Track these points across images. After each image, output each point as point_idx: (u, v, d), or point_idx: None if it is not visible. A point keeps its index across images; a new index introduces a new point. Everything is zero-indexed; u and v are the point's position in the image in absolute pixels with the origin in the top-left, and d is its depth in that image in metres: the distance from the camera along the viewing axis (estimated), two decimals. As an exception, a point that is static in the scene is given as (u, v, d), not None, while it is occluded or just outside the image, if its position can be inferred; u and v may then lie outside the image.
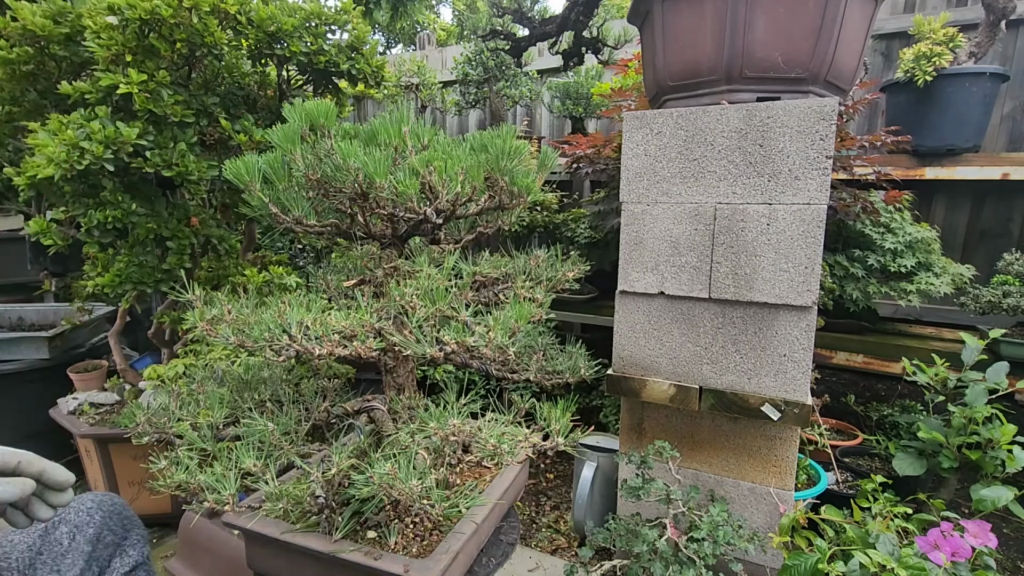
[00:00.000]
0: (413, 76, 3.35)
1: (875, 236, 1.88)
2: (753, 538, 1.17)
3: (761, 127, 1.20)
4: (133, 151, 1.51)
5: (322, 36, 1.79)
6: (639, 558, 1.14)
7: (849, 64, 1.28)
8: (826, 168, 1.16)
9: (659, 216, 1.33)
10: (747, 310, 1.26)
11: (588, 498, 1.58)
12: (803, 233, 1.18)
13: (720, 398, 1.29)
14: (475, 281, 1.06)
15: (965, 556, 0.98)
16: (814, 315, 1.20)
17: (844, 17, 1.19)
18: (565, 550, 1.70)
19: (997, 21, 2.00)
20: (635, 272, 1.37)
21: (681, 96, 1.38)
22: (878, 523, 1.14)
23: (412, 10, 6.84)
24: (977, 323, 2.10)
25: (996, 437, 1.38)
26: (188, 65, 1.70)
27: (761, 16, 1.19)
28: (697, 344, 1.32)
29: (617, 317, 1.41)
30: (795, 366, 1.23)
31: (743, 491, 1.35)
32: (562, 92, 2.94)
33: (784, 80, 1.25)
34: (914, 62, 2.07)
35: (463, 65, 2.97)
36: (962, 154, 2.17)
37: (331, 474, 0.88)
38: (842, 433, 2.02)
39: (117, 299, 1.77)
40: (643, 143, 1.33)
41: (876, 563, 0.99)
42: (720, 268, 1.27)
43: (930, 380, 1.63)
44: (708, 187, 1.27)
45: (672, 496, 1.21)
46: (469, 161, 1.00)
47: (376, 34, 7.71)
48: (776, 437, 1.30)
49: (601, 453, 1.60)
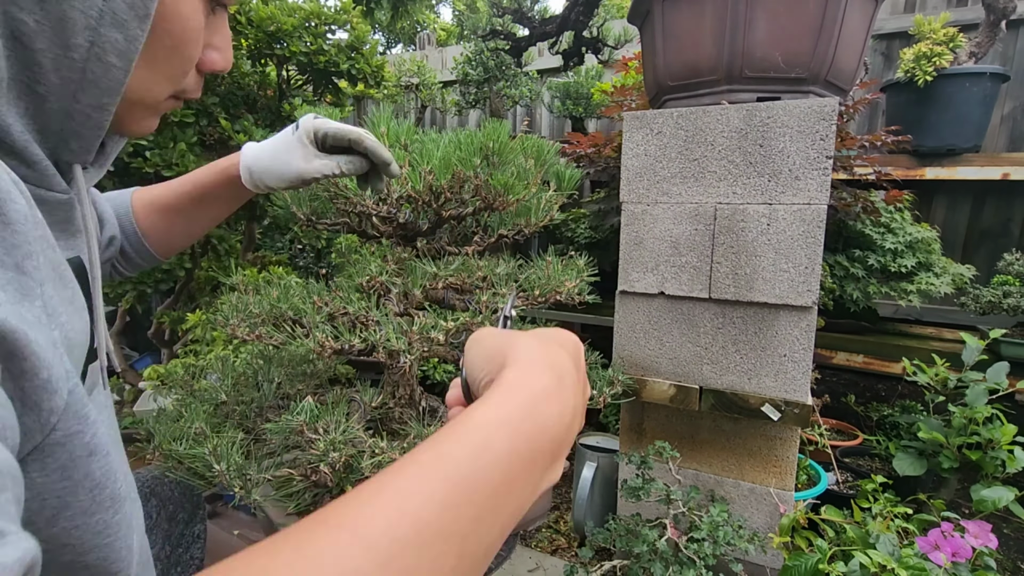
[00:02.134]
0: (413, 76, 3.35)
1: (875, 236, 1.88)
2: (753, 538, 1.17)
3: (761, 127, 1.20)
4: (133, 151, 1.51)
5: (322, 36, 1.79)
6: (639, 558, 1.14)
7: (849, 64, 1.28)
8: (826, 168, 1.16)
9: (659, 216, 1.33)
10: (747, 310, 1.26)
11: (588, 498, 1.58)
12: (803, 233, 1.18)
13: (720, 398, 1.29)
14: (450, 285, 1.07)
15: (965, 556, 0.98)
16: (814, 315, 1.20)
17: (844, 17, 1.19)
18: (565, 550, 1.70)
19: (997, 21, 2.00)
20: (635, 272, 1.37)
21: (681, 96, 1.38)
22: (878, 523, 1.14)
23: (412, 10, 6.83)
24: (977, 323, 2.10)
25: (996, 437, 1.37)
26: (188, 65, 1.70)
27: (761, 16, 1.19)
28: (697, 344, 1.32)
29: (617, 317, 1.41)
30: (795, 366, 1.23)
31: (743, 491, 1.35)
32: (562, 92, 2.94)
33: (784, 80, 1.25)
34: (914, 62, 2.07)
35: (463, 65, 2.97)
36: (962, 154, 2.17)
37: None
38: (842, 433, 2.02)
39: (117, 299, 1.77)
40: (643, 143, 1.33)
41: (876, 563, 0.99)
42: (720, 268, 1.27)
43: (930, 380, 1.63)
44: (708, 187, 1.27)
45: (672, 496, 1.21)
46: (442, 154, 1.02)
47: (376, 34, 7.71)
48: (776, 437, 1.30)
49: (601, 453, 1.60)
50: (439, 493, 0.27)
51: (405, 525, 0.26)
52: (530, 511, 0.83)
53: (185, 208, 0.82)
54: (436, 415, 1.33)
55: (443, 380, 1.98)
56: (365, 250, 1.38)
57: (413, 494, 0.27)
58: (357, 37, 1.86)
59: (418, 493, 0.27)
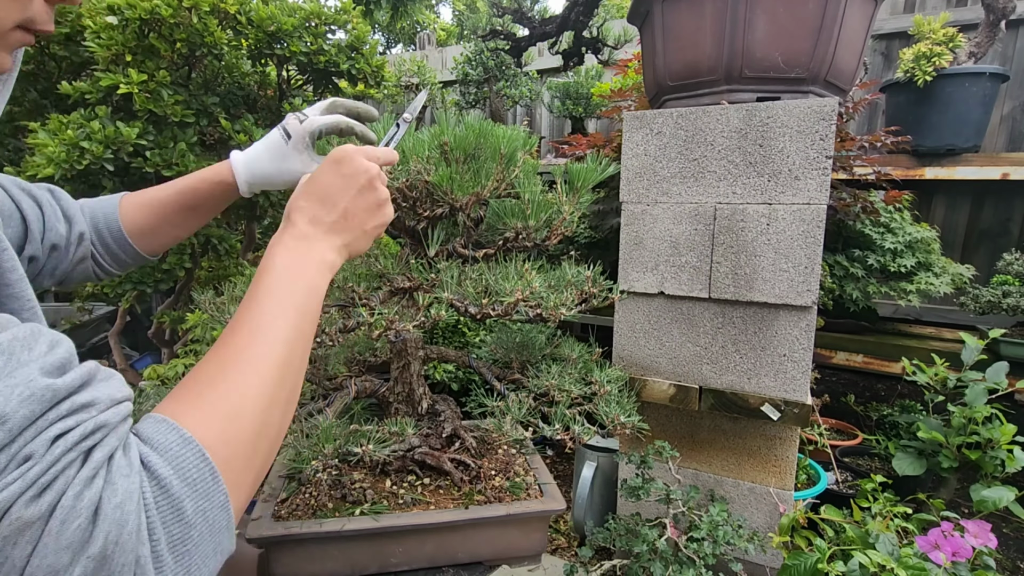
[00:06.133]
0: (413, 76, 3.35)
1: (875, 236, 1.88)
2: (753, 538, 1.17)
3: (761, 127, 1.20)
4: (133, 151, 1.51)
5: (322, 36, 1.79)
6: (639, 558, 1.14)
7: (849, 64, 1.28)
8: (826, 168, 1.16)
9: (659, 216, 1.33)
10: (747, 310, 1.26)
11: (588, 498, 1.58)
12: (803, 233, 1.18)
13: (720, 398, 1.29)
14: (397, 288, 1.10)
15: (965, 556, 0.98)
16: (814, 315, 1.20)
17: (844, 17, 1.19)
18: (565, 550, 1.70)
19: (997, 21, 2.01)
20: (635, 272, 1.37)
21: (681, 96, 1.38)
22: (878, 523, 1.14)
23: (412, 10, 6.83)
24: (977, 323, 2.11)
25: (996, 437, 1.38)
26: (188, 65, 1.70)
27: (761, 16, 1.20)
28: (697, 344, 1.32)
29: (617, 317, 1.41)
30: (795, 366, 1.23)
31: (743, 491, 1.35)
32: (562, 92, 2.94)
33: (784, 80, 1.25)
34: (914, 62, 2.07)
35: (463, 65, 2.97)
36: (962, 154, 2.17)
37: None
38: (842, 433, 2.02)
39: (117, 299, 1.77)
40: (643, 143, 1.33)
41: (876, 563, 0.99)
42: (720, 268, 1.27)
43: (930, 380, 1.63)
44: (708, 187, 1.27)
45: (672, 496, 1.21)
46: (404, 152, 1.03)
47: (376, 34, 7.71)
48: (776, 437, 1.30)
49: (601, 453, 1.60)
50: (296, 327, 0.54)
51: (286, 349, 0.52)
52: (520, 549, 0.89)
53: (177, 214, 0.86)
54: (437, 417, 1.33)
55: (443, 380, 1.98)
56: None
57: (284, 331, 0.53)
58: (357, 37, 1.86)
59: (287, 330, 0.53)
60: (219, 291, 1.08)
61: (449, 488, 1.27)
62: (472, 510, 1.18)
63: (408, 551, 1.17)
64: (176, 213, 0.85)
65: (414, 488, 1.26)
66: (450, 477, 1.27)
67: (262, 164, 0.82)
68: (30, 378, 0.34)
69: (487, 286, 1.07)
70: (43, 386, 0.35)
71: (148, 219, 0.84)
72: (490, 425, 1.10)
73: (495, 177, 1.08)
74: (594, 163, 1.16)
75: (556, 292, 1.10)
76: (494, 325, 1.82)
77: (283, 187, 0.83)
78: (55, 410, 0.35)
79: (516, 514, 1.19)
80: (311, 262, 0.60)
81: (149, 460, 0.39)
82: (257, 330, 0.51)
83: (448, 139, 1.05)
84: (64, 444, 0.35)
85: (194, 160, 1.59)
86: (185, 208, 0.85)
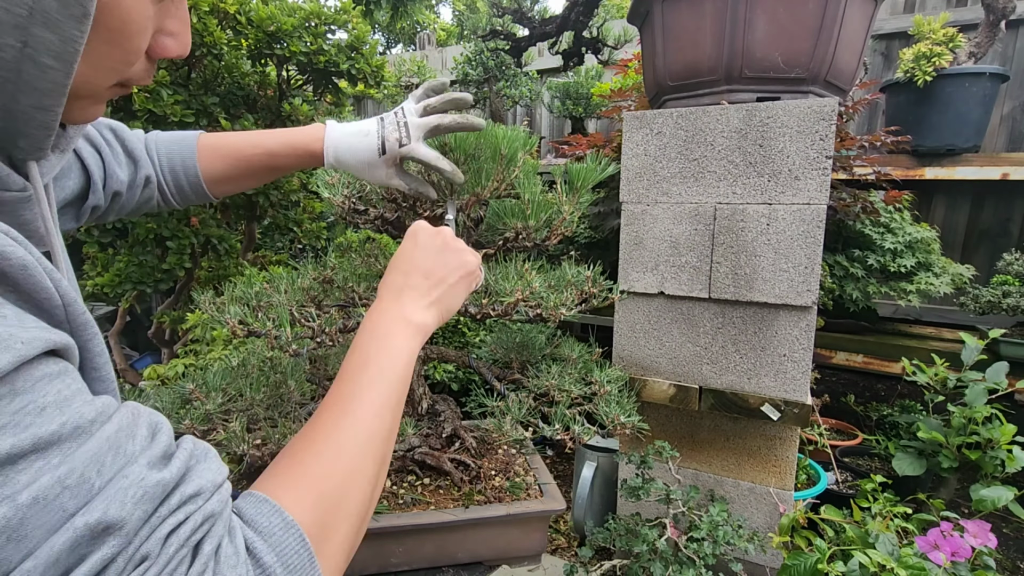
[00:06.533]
0: (413, 76, 3.35)
1: (875, 236, 1.88)
2: (753, 538, 1.17)
3: (761, 127, 1.20)
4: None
5: (322, 36, 1.79)
6: (639, 558, 1.14)
7: (849, 64, 1.28)
8: (826, 168, 1.16)
9: (659, 216, 1.33)
10: (747, 310, 1.26)
11: (588, 498, 1.58)
12: (803, 233, 1.18)
13: (720, 398, 1.29)
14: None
15: (965, 556, 0.98)
16: (814, 315, 1.20)
17: (844, 17, 1.19)
18: (565, 550, 1.70)
19: (997, 21, 2.01)
20: (635, 272, 1.37)
21: (681, 96, 1.38)
22: (878, 523, 1.14)
23: (412, 10, 6.83)
24: (977, 323, 2.11)
25: (996, 437, 1.38)
26: (188, 65, 1.70)
27: (761, 16, 1.20)
28: (697, 344, 1.32)
29: (617, 317, 1.41)
30: (795, 366, 1.23)
31: (743, 491, 1.35)
32: (562, 92, 2.94)
33: (784, 80, 1.25)
34: (914, 62, 2.07)
35: (463, 65, 2.97)
36: (962, 154, 2.17)
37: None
38: (842, 433, 2.02)
39: (117, 299, 1.77)
40: (643, 143, 1.33)
41: (876, 563, 0.99)
42: (720, 268, 1.27)
43: (930, 380, 1.63)
44: (708, 187, 1.27)
45: (672, 496, 1.21)
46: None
47: (376, 34, 7.71)
48: (776, 437, 1.30)
49: (601, 453, 1.60)
50: (384, 395, 0.55)
51: (375, 422, 0.52)
52: (520, 549, 0.91)
53: (263, 171, 0.91)
54: (437, 417, 1.33)
55: (443, 380, 1.98)
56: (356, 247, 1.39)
57: (371, 403, 0.53)
58: (357, 37, 1.86)
59: (374, 402, 0.53)
60: (219, 291, 1.08)
61: (449, 488, 1.27)
62: (472, 510, 1.18)
63: (408, 551, 1.17)
64: (262, 170, 0.90)
65: (414, 488, 1.26)
66: (450, 477, 1.27)
67: (347, 160, 0.87)
68: (141, 476, 0.34)
69: (487, 286, 1.07)
70: (154, 483, 0.35)
71: (229, 170, 0.88)
72: (490, 425, 1.10)
73: (495, 177, 1.08)
74: (594, 163, 1.15)
75: (556, 292, 1.10)
76: (494, 325, 1.82)
77: (362, 179, 0.95)
78: (166, 505, 0.35)
79: (516, 514, 1.19)
80: (398, 326, 0.63)
81: (254, 546, 0.39)
82: (348, 408, 0.53)
83: (448, 139, 1.05)
84: (177, 541, 0.35)
85: (194, 160, 1.59)
86: (271, 168, 0.90)
